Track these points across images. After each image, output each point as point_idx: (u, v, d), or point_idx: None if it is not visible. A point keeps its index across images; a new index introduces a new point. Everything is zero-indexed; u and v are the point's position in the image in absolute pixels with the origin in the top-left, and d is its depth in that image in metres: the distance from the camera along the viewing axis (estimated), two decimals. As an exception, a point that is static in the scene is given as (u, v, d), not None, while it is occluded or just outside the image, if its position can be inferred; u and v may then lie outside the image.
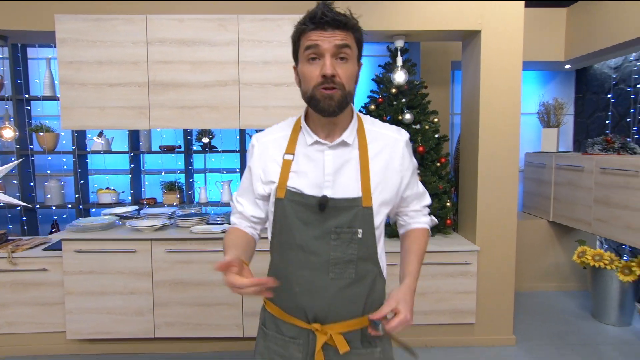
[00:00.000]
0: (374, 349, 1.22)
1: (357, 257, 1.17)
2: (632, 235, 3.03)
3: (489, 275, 3.13)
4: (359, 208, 1.16)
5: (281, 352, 1.22)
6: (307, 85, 1.13)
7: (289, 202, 1.17)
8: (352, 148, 1.20)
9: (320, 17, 1.07)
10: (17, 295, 2.91)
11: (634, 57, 3.72)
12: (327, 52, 1.09)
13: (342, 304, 1.18)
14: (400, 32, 3.11)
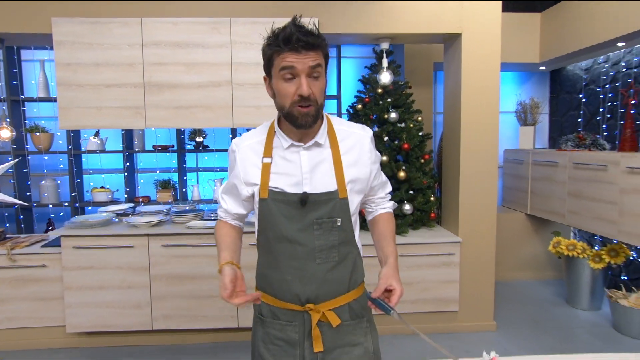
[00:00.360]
0: (361, 319, 1.34)
1: (338, 242, 1.28)
2: (602, 225, 3.19)
3: (471, 265, 3.26)
4: (336, 200, 1.26)
5: (279, 336, 1.31)
6: (283, 100, 1.20)
7: (272, 200, 1.26)
8: (325, 147, 1.29)
9: (295, 42, 1.13)
10: (16, 291, 2.94)
11: (602, 59, 3.90)
12: (303, 72, 1.15)
13: (330, 284, 1.29)
14: (385, 35, 3.22)
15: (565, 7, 3.78)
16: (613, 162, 3.06)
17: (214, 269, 2.98)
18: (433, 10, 3.12)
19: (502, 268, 4.28)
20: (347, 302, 1.31)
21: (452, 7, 3.12)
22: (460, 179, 3.25)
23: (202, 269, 2.99)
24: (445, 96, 3.52)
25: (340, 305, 1.30)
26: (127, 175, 3.98)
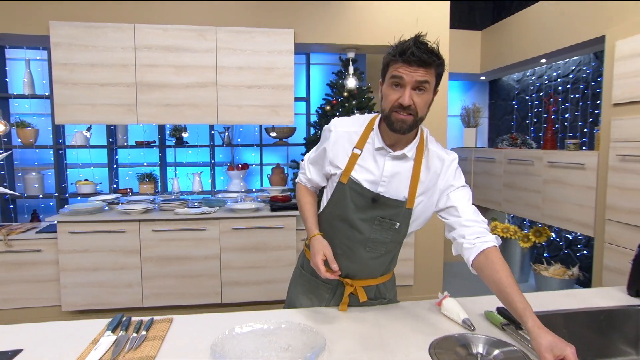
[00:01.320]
0: (383, 299, 1.50)
1: (390, 241, 1.36)
2: (530, 210, 3.68)
3: (424, 246, 3.66)
4: (402, 208, 1.32)
5: (312, 290, 1.50)
6: (386, 104, 1.25)
7: (349, 188, 1.33)
8: (409, 160, 1.32)
9: (409, 56, 1.17)
10: (12, 274, 3.03)
11: (530, 72, 4.43)
12: (409, 84, 1.19)
13: (370, 268, 1.42)
14: (352, 45, 3.56)
15: (500, 27, 4.28)
16: (538, 158, 3.55)
17: (200, 251, 3.20)
18: (392, 25, 3.49)
19: (449, 250, 4.73)
20: (377, 283, 1.46)
21: (408, 22, 3.51)
22: (414, 172, 3.64)
23: (189, 251, 3.20)
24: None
25: (370, 285, 1.45)
26: (113, 169, 4.09)
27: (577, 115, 3.77)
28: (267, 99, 3.32)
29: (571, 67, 3.86)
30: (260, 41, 3.24)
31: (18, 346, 1.17)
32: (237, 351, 1.13)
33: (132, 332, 1.26)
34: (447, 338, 1.20)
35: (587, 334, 1.38)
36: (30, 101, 3.92)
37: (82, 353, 1.13)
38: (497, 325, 1.29)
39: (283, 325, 1.26)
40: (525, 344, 1.16)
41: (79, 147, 3.93)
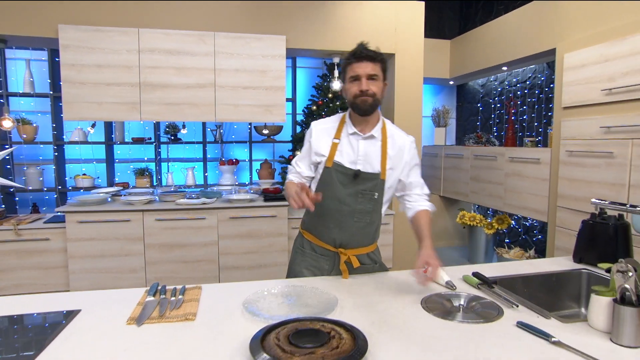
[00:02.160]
0: (374, 264, 1.71)
1: (372, 210, 1.59)
2: (493, 201, 3.99)
3: (401, 232, 3.91)
4: (377, 180, 1.58)
5: (314, 264, 1.68)
6: (349, 95, 1.56)
7: (334, 170, 1.58)
8: (377, 140, 1.60)
9: (359, 54, 1.53)
10: (22, 261, 3.08)
11: (493, 78, 4.75)
12: (363, 76, 1.52)
13: (359, 237, 1.63)
14: (337, 51, 3.75)
15: (467, 37, 4.58)
16: (500, 154, 3.86)
17: (200, 238, 3.33)
18: (375, 34, 3.71)
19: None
20: (367, 252, 1.67)
21: (388, 32, 3.73)
22: (393, 166, 3.88)
23: (189, 238, 3.32)
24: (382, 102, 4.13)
25: (362, 253, 1.66)
26: (107, 164, 4.14)
27: (534, 116, 4.10)
28: (261, 99, 3.48)
29: (528, 75, 4.19)
30: (255, 46, 3.39)
31: (77, 307, 1.31)
32: (265, 307, 1.31)
33: (170, 296, 1.42)
34: (435, 295, 1.42)
35: (542, 292, 1.62)
36: (30, 99, 3.92)
37: (134, 311, 1.28)
38: (473, 285, 1.51)
39: (300, 289, 1.45)
40: (495, 297, 1.39)
41: (78, 143, 3.97)
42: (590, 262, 1.70)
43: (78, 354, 1.02)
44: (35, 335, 1.17)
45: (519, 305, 1.31)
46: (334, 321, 1.10)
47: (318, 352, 0.94)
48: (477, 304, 1.33)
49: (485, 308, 1.30)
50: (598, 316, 1.14)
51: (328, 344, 0.98)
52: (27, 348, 1.07)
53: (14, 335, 1.18)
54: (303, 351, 0.94)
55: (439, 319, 1.23)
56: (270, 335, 1.02)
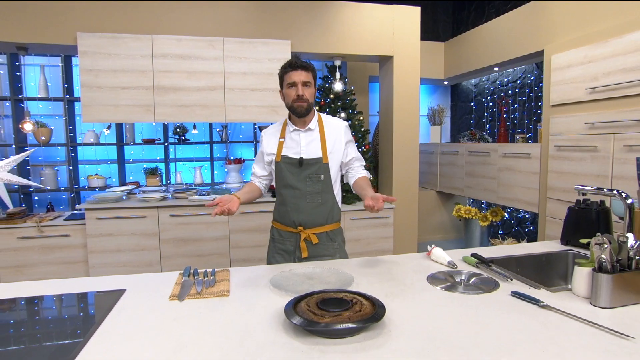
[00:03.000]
0: (333, 242, 1.90)
1: (321, 190, 1.84)
2: (487, 194, 4.16)
3: (401, 225, 4.07)
4: (321, 164, 1.83)
5: (281, 247, 1.91)
6: (288, 99, 1.80)
7: (283, 162, 1.85)
8: (315, 131, 1.87)
9: (294, 64, 1.77)
10: (45, 256, 3.21)
11: (485, 78, 4.93)
12: (299, 83, 1.76)
13: (314, 216, 1.85)
14: (339, 54, 3.91)
15: (460, 39, 4.75)
16: (493, 150, 4.03)
17: (212, 233, 3.48)
18: (374, 38, 3.87)
19: (421, 232, 5.18)
20: (325, 230, 1.87)
21: (386, 35, 3.89)
22: (393, 163, 4.05)
23: (202, 233, 3.46)
24: (381, 102, 4.30)
25: (320, 231, 1.86)
26: (119, 164, 4.27)
27: (524, 114, 4.28)
28: (268, 100, 3.63)
29: (518, 75, 4.37)
30: (262, 50, 3.54)
31: (122, 287, 1.45)
32: (290, 284, 1.46)
33: (203, 277, 1.57)
34: (439, 272, 1.57)
35: (533, 271, 1.79)
36: (44, 103, 4.04)
37: (173, 289, 1.43)
38: (472, 264, 1.67)
39: (319, 269, 1.60)
40: (492, 274, 1.55)
41: (91, 144, 4.10)
42: (576, 244, 1.87)
43: (134, 324, 1.17)
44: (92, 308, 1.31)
45: (513, 279, 1.48)
46: (354, 292, 1.25)
47: (344, 314, 1.09)
48: (476, 279, 1.49)
49: (484, 282, 1.46)
50: (580, 284, 1.30)
51: (352, 309, 1.13)
52: (87, 320, 1.22)
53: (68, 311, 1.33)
54: (331, 314, 1.10)
55: (443, 291, 1.39)
56: (301, 303, 1.17)
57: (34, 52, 3.69)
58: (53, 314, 1.31)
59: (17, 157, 3.35)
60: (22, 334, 1.13)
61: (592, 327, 1.10)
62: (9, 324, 1.20)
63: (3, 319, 1.23)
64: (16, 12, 3.13)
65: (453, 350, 0.99)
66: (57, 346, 1.05)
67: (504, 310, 1.22)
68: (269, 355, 0.99)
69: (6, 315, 1.26)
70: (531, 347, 1.00)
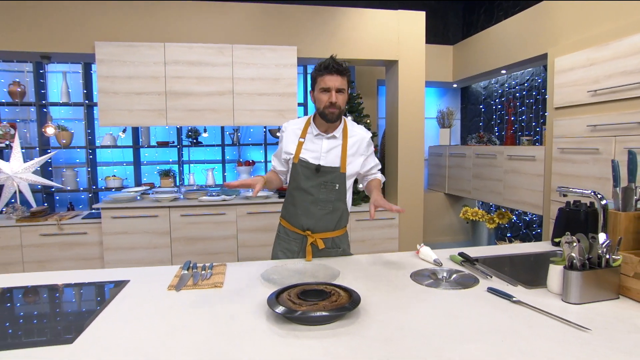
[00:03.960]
0: (338, 249, 1.90)
1: (334, 199, 1.82)
2: (493, 196, 4.17)
3: (406, 226, 4.12)
4: (337, 172, 1.80)
5: (286, 246, 1.92)
6: (320, 104, 1.76)
7: (300, 165, 1.81)
8: (338, 139, 1.82)
9: (330, 67, 1.73)
10: (64, 253, 3.40)
11: (494, 81, 4.93)
12: (333, 89, 1.72)
13: (323, 222, 1.84)
14: (344, 59, 3.98)
15: (468, 42, 4.77)
16: (499, 152, 4.04)
17: (222, 231, 3.61)
18: (379, 42, 3.95)
19: (429, 234, 5.21)
20: (332, 236, 1.87)
21: (391, 40, 3.97)
22: (398, 166, 4.11)
23: (212, 232, 3.60)
24: (387, 106, 4.36)
25: (327, 237, 1.86)
26: (135, 166, 4.46)
27: (532, 116, 4.27)
28: (275, 105, 3.75)
29: (526, 77, 4.37)
30: (269, 56, 3.67)
31: (127, 278, 1.58)
32: (280, 278, 1.56)
33: (201, 271, 1.68)
34: (423, 270, 1.65)
35: (522, 270, 1.84)
36: (66, 108, 4.27)
37: (172, 281, 1.54)
38: (457, 262, 1.74)
39: (309, 265, 1.70)
40: (474, 271, 1.61)
41: (108, 147, 4.30)
42: (565, 244, 1.90)
43: (133, 310, 1.29)
44: (96, 297, 1.44)
45: (493, 276, 1.54)
46: (334, 284, 1.34)
47: (320, 304, 1.19)
48: (457, 276, 1.56)
49: (464, 279, 1.53)
50: (553, 281, 1.36)
51: (329, 299, 1.22)
52: (91, 305, 1.35)
53: (79, 296, 1.47)
54: (309, 303, 1.19)
55: (422, 286, 1.46)
56: (284, 294, 1.27)
57: (57, 60, 3.91)
58: (64, 300, 1.44)
59: (40, 159, 3.58)
60: (35, 317, 1.27)
61: (555, 320, 1.16)
62: (26, 307, 1.34)
63: (23, 304, 1.37)
64: (40, 24, 3.35)
65: (417, 338, 1.07)
66: (63, 327, 1.17)
67: (477, 304, 1.29)
68: (248, 338, 1.09)
69: (25, 300, 1.40)
70: (493, 337, 1.07)
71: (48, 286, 1.52)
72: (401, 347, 1.02)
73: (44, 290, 1.49)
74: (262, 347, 1.04)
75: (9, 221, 3.40)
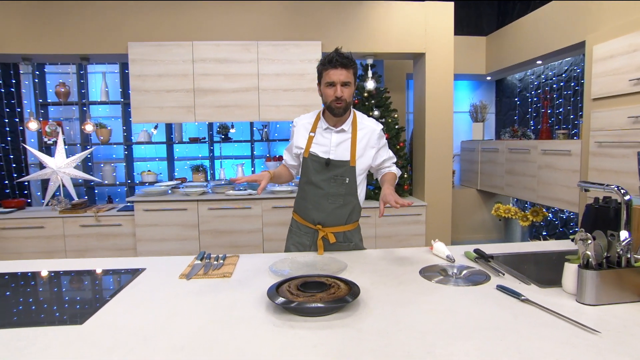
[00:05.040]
0: (350, 243, 1.89)
1: (344, 193, 1.80)
2: (527, 193, 3.99)
3: (434, 223, 4.02)
4: (347, 167, 1.78)
5: (298, 240, 1.92)
6: (326, 99, 1.74)
7: (310, 160, 1.81)
8: (348, 132, 1.81)
9: (334, 61, 1.68)
10: (101, 243, 3.60)
11: (530, 72, 4.70)
12: (338, 82, 1.69)
13: (334, 216, 1.83)
14: (370, 53, 3.95)
15: (502, 32, 4.57)
16: (533, 147, 3.85)
17: (248, 225, 3.68)
18: (404, 35, 3.86)
19: (459, 231, 5.07)
20: (343, 230, 1.86)
21: (418, 32, 3.87)
22: (425, 161, 4.01)
23: (238, 225, 3.68)
24: (415, 100, 4.27)
25: (338, 231, 1.85)
26: (168, 162, 4.64)
27: (570, 109, 4.04)
28: (300, 100, 3.77)
29: (564, 67, 4.12)
30: (293, 52, 3.69)
31: (143, 266, 1.66)
32: (288, 269, 1.58)
33: (214, 261, 1.73)
34: (433, 266, 1.60)
35: (543, 268, 1.75)
36: (105, 106, 4.51)
37: (185, 269, 1.60)
38: (471, 259, 1.68)
39: (320, 258, 1.70)
40: (487, 268, 1.55)
41: (144, 143, 4.50)
42: (591, 243, 1.79)
43: (143, 296, 1.35)
44: (113, 283, 1.52)
45: (505, 274, 1.47)
46: (336, 277, 1.34)
47: (318, 295, 1.19)
48: (467, 273, 1.51)
49: (475, 276, 1.48)
50: (568, 281, 1.28)
51: (327, 291, 1.22)
52: (108, 289, 1.42)
53: (97, 282, 1.55)
54: (306, 294, 1.19)
55: (429, 282, 1.43)
56: (284, 285, 1.28)
57: (95, 61, 4.13)
58: (83, 285, 1.53)
59: (80, 154, 3.80)
60: (54, 300, 1.36)
61: (562, 320, 1.10)
62: (52, 288, 1.44)
63: (45, 288, 1.48)
64: (79, 27, 3.55)
65: (411, 334, 1.04)
66: (78, 309, 1.25)
67: (482, 302, 1.25)
68: (244, 326, 1.11)
69: (46, 284, 1.51)
70: (491, 334, 1.03)
71: (72, 272, 1.62)
72: (393, 342, 1.00)
73: (65, 276, 1.59)
74: (254, 335, 1.05)
75: (53, 212, 3.63)
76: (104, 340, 1.04)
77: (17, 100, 4.28)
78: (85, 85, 4.36)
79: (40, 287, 1.50)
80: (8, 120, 4.25)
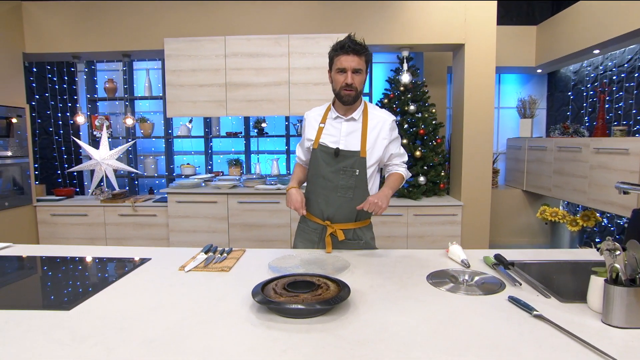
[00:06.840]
0: (360, 241, 1.80)
1: (354, 185, 1.71)
2: (577, 195, 3.62)
3: (471, 224, 3.78)
4: (357, 157, 1.69)
5: (306, 237, 1.85)
6: (336, 85, 1.69)
7: (319, 151, 1.74)
8: (358, 122, 1.73)
9: (346, 47, 1.63)
10: (137, 232, 3.76)
11: (587, 63, 4.26)
12: (349, 69, 1.63)
13: (343, 211, 1.74)
14: (405, 45, 3.77)
15: (553, 21, 4.18)
16: (585, 145, 3.49)
17: (276, 219, 3.67)
18: (442, 25, 3.64)
19: (502, 234, 4.74)
20: (353, 227, 1.77)
21: (457, 22, 3.64)
22: (463, 159, 3.78)
23: (267, 219, 3.68)
24: (453, 94, 4.03)
25: (347, 228, 1.76)
26: (206, 155, 4.75)
27: (631, 103, 3.61)
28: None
29: (627, 57, 3.69)
30: (324, 45, 3.61)
31: (149, 257, 1.67)
32: (286, 266, 1.51)
33: (218, 253, 1.71)
34: (444, 270, 1.47)
35: (572, 279, 1.55)
36: (148, 101, 4.70)
37: (186, 262, 1.59)
38: (489, 265, 1.52)
39: (325, 256, 1.62)
40: (503, 276, 1.39)
41: (183, 137, 4.63)
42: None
43: (136, 286, 1.35)
44: (118, 270, 1.54)
45: (522, 283, 1.31)
46: (327, 277, 1.25)
47: (301, 296, 1.11)
48: (480, 280, 1.36)
49: (487, 284, 1.33)
50: (594, 297, 1.11)
51: (314, 292, 1.14)
52: (112, 275, 1.44)
53: (101, 270, 1.58)
54: (290, 294, 1.12)
55: (435, 288, 1.30)
56: (271, 284, 1.22)
57: (136, 58, 4.30)
58: (87, 271, 1.57)
59: (122, 147, 3.98)
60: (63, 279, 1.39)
61: (578, 343, 0.94)
62: (59, 272, 1.49)
63: (57, 268, 1.53)
64: (120, 25, 3.70)
65: (394, 345, 0.94)
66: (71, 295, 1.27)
67: (487, 314, 1.11)
68: (222, 323, 1.06)
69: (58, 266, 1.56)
70: (487, 352, 0.90)
71: (80, 257, 1.67)
72: (370, 353, 0.91)
73: (72, 263, 1.64)
74: (227, 333, 1.00)
75: (96, 201, 3.84)
76: (82, 329, 1.03)
77: (69, 96, 4.57)
78: (130, 81, 4.56)
79: (49, 271, 1.55)
80: (60, 114, 4.55)
